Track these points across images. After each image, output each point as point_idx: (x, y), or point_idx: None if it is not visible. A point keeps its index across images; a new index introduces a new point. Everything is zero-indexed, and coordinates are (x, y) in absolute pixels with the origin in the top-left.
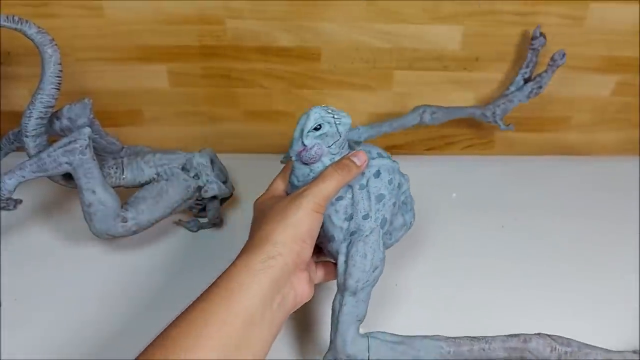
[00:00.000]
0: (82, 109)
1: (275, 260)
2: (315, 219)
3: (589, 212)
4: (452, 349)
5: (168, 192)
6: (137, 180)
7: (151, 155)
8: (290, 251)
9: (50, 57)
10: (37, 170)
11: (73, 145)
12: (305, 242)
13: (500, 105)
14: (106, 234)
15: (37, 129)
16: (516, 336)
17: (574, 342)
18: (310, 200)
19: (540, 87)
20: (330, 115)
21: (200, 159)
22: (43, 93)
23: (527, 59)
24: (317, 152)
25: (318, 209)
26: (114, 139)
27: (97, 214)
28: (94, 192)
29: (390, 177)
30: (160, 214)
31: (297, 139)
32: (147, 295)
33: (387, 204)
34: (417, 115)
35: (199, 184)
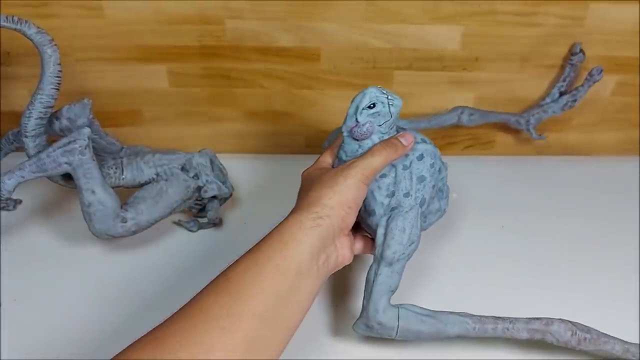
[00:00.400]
0: (81, 109)
1: (323, 220)
2: (361, 188)
3: (589, 212)
4: (477, 326)
5: (168, 192)
6: (137, 180)
7: (151, 156)
8: (337, 215)
9: (49, 57)
10: (36, 171)
11: (72, 146)
12: (351, 208)
13: (535, 115)
14: (106, 234)
15: (37, 129)
16: (539, 319)
17: (594, 330)
18: (359, 171)
19: (575, 100)
20: (384, 95)
21: (200, 159)
22: (42, 93)
23: (565, 73)
24: (368, 129)
25: (365, 180)
26: (113, 139)
27: (96, 214)
28: (94, 192)
29: (432, 161)
30: (159, 214)
31: (351, 116)
32: (147, 295)
33: (427, 185)
34: (455, 115)
35: (198, 184)
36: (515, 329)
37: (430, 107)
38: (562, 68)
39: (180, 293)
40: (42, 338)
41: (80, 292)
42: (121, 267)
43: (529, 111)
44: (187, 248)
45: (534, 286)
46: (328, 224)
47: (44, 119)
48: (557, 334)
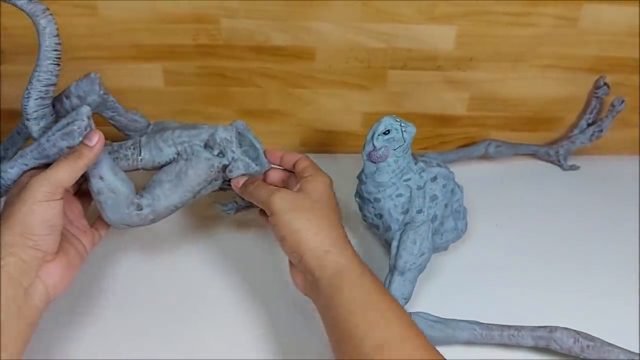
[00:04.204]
0: (89, 85)
1: (7, 260)
2: (46, 207)
3: (588, 212)
4: (484, 332)
5: (187, 174)
6: (156, 161)
7: (170, 133)
8: (23, 248)
9: (44, 28)
10: (38, 157)
11: (71, 128)
12: (41, 234)
13: (564, 146)
14: (122, 224)
15: (39, 111)
16: (543, 327)
17: (597, 339)
18: (36, 190)
19: (601, 130)
20: (398, 123)
21: (224, 134)
22: (40, 70)
23: (591, 106)
24: (384, 153)
25: (50, 196)
26: (136, 115)
27: (107, 202)
28: (102, 179)
29: (444, 182)
30: (179, 200)
31: (369, 141)
32: (147, 295)
33: (440, 204)
34: (482, 147)
35: (224, 162)
36: (520, 336)
37: (424, 106)
38: (587, 102)
39: (181, 294)
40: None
41: (79, 292)
42: (121, 267)
43: (558, 143)
44: (189, 249)
45: (533, 286)
46: (15, 262)
47: (46, 99)
48: (560, 340)
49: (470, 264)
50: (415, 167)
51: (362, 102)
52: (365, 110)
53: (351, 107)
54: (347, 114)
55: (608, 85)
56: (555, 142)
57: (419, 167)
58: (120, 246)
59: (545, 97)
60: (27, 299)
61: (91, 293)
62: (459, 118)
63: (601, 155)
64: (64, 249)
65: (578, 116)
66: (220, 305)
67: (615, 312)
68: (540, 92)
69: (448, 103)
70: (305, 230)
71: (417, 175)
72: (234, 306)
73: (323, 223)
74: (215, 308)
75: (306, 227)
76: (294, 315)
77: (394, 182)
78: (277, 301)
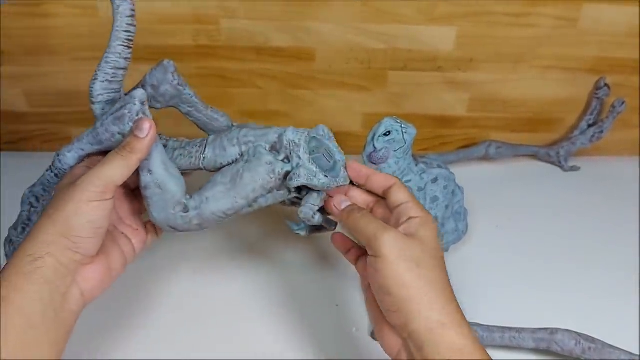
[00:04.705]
0: (162, 73)
1: (44, 260)
2: (94, 208)
3: (588, 213)
4: (485, 334)
5: (243, 178)
6: (219, 161)
7: (237, 131)
8: (61, 249)
9: (117, 7)
10: (93, 142)
11: (122, 112)
12: (82, 236)
13: (564, 147)
14: (167, 225)
15: (105, 95)
16: (544, 329)
17: (598, 341)
18: (85, 189)
19: (602, 131)
20: (398, 124)
21: (293, 136)
22: (109, 51)
23: (592, 107)
24: (384, 154)
25: (99, 196)
26: (217, 113)
27: (153, 198)
28: (150, 172)
29: (445, 184)
30: (229, 206)
31: (369, 143)
32: (148, 296)
33: (440, 205)
34: (483, 148)
35: (286, 169)
36: (521, 338)
37: (424, 107)
38: (587, 103)
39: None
40: None
41: None
42: None
43: (558, 144)
44: (193, 253)
45: (533, 286)
46: (52, 263)
47: (113, 83)
48: (562, 342)
49: (471, 265)
50: (415, 169)
51: (363, 103)
52: (366, 111)
53: (351, 108)
54: (347, 115)
55: (608, 86)
56: (556, 143)
57: (419, 169)
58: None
59: (545, 98)
60: (64, 304)
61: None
62: (459, 119)
63: (602, 156)
64: (106, 251)
65: (578, 117)
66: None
67: (617, 314)
68: (540, 93)
69: (448, 104)
70: (418, 290)
71: (417, 177)
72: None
73: (438, 287)
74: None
75: (420, 286)
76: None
77: None
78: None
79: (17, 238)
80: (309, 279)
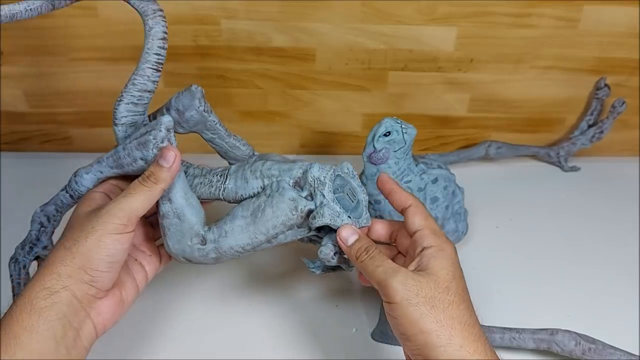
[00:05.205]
0: (189, 99)
1: (60, 294)
2: (115, 241)
3: (588, 213)
4: (486, 335)
5: (264, 212)
6: (239, 193)
7: (261, 164)
8: (78, 283)
9: (150, 29)
10: (113, 166)
11: (147, 137)
12: (100, 270)
13: (564, 148)
14: (182, 257)
15: (129, 117)
16: (544, 329)
17: (599, 341)
18: (108, 221)
19: (602, 132)
20: (398, 125)
21: (318, 173)
22: (137, 73)
23: (592, 107)
24: (384, 154)
25: (122, 229)
26: (239, 141)
27: (170, 228)
28: (170, 201)
29: (445, 184)
30: (248, 241)
31: (369, 143)
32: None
33: (440, 205)
34: (483, 148)
35: (309, 207)
36: (521, 339)
37: (424, 108)
38: (587, 103)
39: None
40: None
41: None
42: None
43: (558, 145)
44: None
45: (532, 286)
46: (67, 297)
47: (139, 105)
48: (562, 343)
49: (471, 265)
50: (415, 169)
51: (363, 104)
52: (366, 112)
53: (351, 109)
54: (347, 116)
55: (609, 87)
56: (556, 144)
57: (419, 169)
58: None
59: (546, 98)
60: (76, 341)
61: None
62: (459, 119)
63: (602, 156)
64: (120, 283)
65: (579, 117)
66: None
67: (617, 315)
68: (541, 94)
69: (449, 104)
70: (437, 336)
71: (417, 177)
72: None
73: (458, 325)
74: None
75: (438, 330)
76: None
77: None
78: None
79: (23, 258)
80: (309, 279)
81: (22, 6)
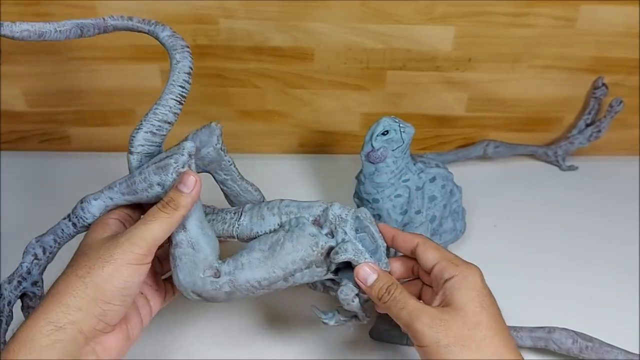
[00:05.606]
0: (208, 135)
1: (65, 330)
2: (133, 272)
3: (587, 211)
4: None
5: (284, 246)
6: (254, 230)
7: (278, 201)
8: (88, 316)
9: (177, 63)
10: (126, 193)
11: (167, 161)
12: (112, 303)
13: (562, 147)
14: (191, 291)
15: (145, 146)
16: (542, 327)
17: (596, 339)
18: (128, 250)
19: (600, 131)
20: (396, 123)
21: (339, 211)
22: (160, 103)
23: (590, 106)
24: (382, 153)
25: (140, 259)
26: (251, 186)
27: (182, 258)
28: (185, 229)
29: (443, 183)
30: (265, 276)
31: (367, 142)
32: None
33: (438, 204)
34: (481, 147)
35: (330, 244)
36: (518, 337)
37: (423, 107)
38: (585, 102)
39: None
40: None
41: None
42: None
43: (556, 144)
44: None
45: (532, 286)
46: (73, 334)
47: (157, 135)
48: (559, 341)
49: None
50: (414, 168)
51: (361, 103)
52: (364, 111)
53: (350, 108)
54: (345, 115)
55: (606, 86)
56: (554, 143)
57: (417, 168)
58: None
59: (543, 97)
60: None
61: None
62: (457, 118)
63: (599, 155)
64: (126, 317)
65: (576, 117)
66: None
67: (614, 313)
68: (538, 93)
69: (447, 103)
70: None
71: (415, 176)
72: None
73: None
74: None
75: None
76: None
77: (392, 183)
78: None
79: (9, 293)
80: None
81: (52, 26)
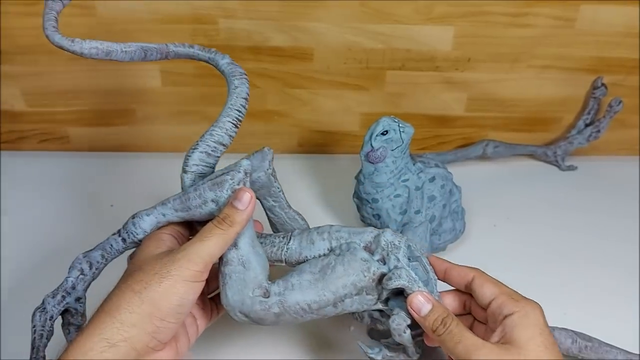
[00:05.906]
0: (260, 160)
1: (119, 347)
2: (189, 289)
3: (586, 211)
4: None
5: (335, 270)
6: (304, 254)
7: (328, 227)
8: (142, 333)
9: (235, 88)
10: (179, 209)
11: (224, 178)
12: (166, 320)
13: (562, 147)
14: (239, 311)
15: (200, 166)
16: None
17: (595, 339)
18: (184, 266)
19: (599, 131)
20: (396, 123)
21: (392, 237)
22: (217, 125)
23: (589, 107)
24: (382, 153)
25: (196, 277)
26: (299, 215)
27: (232, 276)
28: (237, 247)
29: (443, 183)
30: (315, 298)
31: (367, 142)
32: None
33: (438, 204)
34: (480, 147)
35: (382, 270)
36: None
37: (422, 107)
38: (584, 102)
39: None
40: None
41: None
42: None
43: (555, 144)
44: None
45: (532, 286)
46: (127, 350)
47: (211, 156)
48: (558, 340)
49: (468, 264)
50: (413, 168)
51: (360, 103)
52: (364, 111)
53: (349, 108)
54: (345, 115)
55: (606, 86)
56: (553, 143)
57: (417, 168)
58: None
59: (543, 97)
60: None
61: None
62: (457, 118)
63: (599, 155)
64: (176, 336)
65: (576, 117)
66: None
67: (614, 313)
68: (538, 93)
69: (446, 103)
70: None
71: (415, 176)
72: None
73: None
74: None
75: None
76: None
77: (392, 183)
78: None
79: (52, 307)
80: None
81: (119, 46)
